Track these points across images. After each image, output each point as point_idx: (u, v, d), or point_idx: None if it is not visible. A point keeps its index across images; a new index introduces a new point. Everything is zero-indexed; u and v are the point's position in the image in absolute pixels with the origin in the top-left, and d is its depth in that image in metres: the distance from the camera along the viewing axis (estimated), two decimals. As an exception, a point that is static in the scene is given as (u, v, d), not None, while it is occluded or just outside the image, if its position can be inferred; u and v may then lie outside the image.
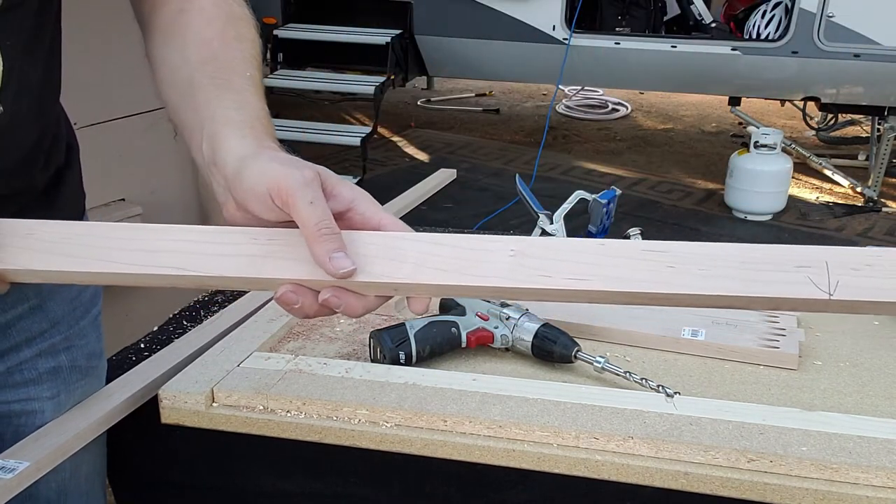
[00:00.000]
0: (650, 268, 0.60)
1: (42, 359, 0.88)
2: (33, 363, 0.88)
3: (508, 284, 0.61)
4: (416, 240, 0.64)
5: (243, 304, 1.19)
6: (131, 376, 0.99)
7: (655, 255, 0.61)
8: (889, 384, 0.99)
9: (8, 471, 0.78)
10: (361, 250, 0.62)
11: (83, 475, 0.97)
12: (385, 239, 0.64)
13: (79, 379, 0.93)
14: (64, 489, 0.95)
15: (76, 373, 0.92)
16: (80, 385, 0.93)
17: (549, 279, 0.60)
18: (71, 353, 0.91)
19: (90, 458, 0.97)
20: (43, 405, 0.89)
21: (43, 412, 0.90)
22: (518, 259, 0.61)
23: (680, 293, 0.59)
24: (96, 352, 0.96)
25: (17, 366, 0.86)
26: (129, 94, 2.03)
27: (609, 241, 0.64)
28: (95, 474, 1.00)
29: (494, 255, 0.62)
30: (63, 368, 0.90)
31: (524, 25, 4.43)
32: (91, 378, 0.95)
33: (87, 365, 0.94)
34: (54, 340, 0.89)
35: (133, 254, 0.64)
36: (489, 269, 0.61)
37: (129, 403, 0.95)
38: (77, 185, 0.91)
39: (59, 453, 0.85)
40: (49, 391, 0.89)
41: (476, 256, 0.62)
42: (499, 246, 0.62)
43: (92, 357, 0.95)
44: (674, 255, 0.61)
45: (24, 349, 0.86)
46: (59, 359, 0.90)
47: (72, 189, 0.89)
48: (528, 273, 0.61)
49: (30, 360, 0.87)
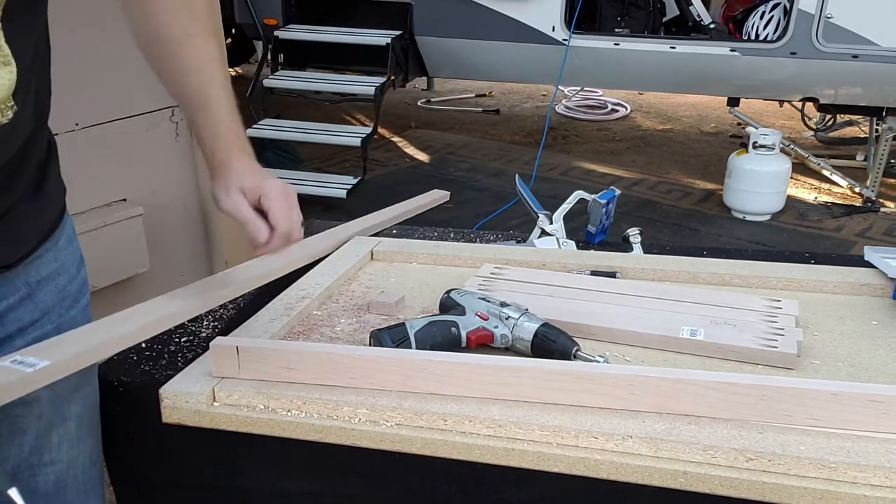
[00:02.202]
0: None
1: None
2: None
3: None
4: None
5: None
6: (150, 306, 1.00)
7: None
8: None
9: (28, 365, 0.80)
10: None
11: (80, 466, 0.98)
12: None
13: None
14: (62, 481, 0.96)
15: None
16: (76, 373, 0.94)
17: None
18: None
19: (87, 448, 0.99)
20: (39, 393, 0.90)
21: (39, 400, 0.92)
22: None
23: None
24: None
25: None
26: (130, 94, 2.03)
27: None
28: (92, 465, 1.01)
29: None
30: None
31: (524, 26, 4.43)
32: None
33: None
34: (46, 329, 0.92)
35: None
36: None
37: (145, 328, 0.95)
38: (59, 178, 0.95)
39: (79, 360, 0.85)
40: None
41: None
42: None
43: None
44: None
45: (17, 339, 0.89)
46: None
47: (55, 182, 0.93)
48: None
49: (23, 349, 0.88)
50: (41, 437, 0.94)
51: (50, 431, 0.95)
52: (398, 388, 0.94)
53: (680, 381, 0.88)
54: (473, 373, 0.92)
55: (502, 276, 1.25)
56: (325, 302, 1.22)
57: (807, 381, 0.88)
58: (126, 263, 1.95)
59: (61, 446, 0.96)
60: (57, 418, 0.95)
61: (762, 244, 3.93)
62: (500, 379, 0.92)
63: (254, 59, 6.62)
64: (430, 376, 0.93)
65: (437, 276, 1.32)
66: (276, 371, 0.97)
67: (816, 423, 0.85)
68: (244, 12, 4.82)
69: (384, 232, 1.55)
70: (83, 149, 1.96)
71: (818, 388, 0.86)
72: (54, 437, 0.95)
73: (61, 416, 0.95)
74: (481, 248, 1.41)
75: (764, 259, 1.35)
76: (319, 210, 4.07)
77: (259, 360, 0.97)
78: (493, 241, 1.54)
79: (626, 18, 4.69)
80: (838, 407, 0.84)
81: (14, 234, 0.86)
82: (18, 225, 0.86)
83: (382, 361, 0.94)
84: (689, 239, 4.01)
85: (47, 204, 0.92)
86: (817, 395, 0.85)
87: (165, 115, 2.14)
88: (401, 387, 0.94)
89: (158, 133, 2.11)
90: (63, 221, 0.96)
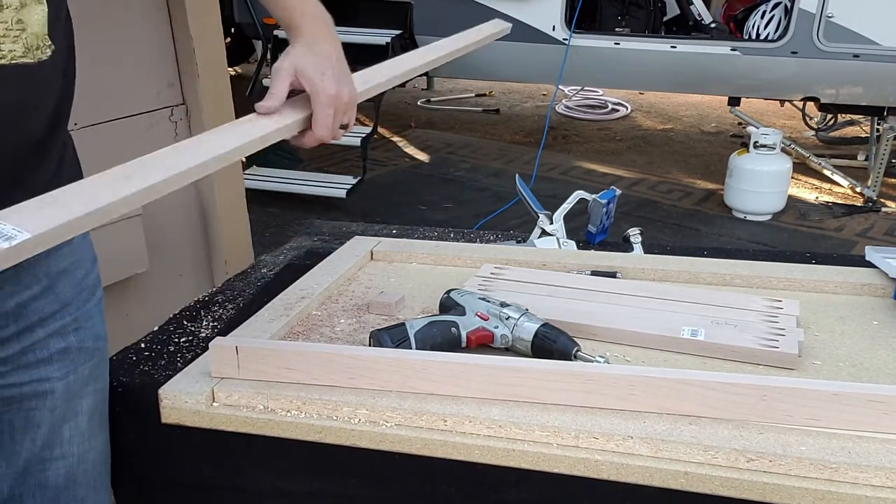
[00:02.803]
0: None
1: (54, 339, 0.91)
2: (45, 343, 0.91)
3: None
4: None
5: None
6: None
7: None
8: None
9: (5, 238, 0.66)
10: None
11: (90, 462, 0.99)
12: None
13: (86, 360, 0.95)
14: (72, 475, 0.96)
15: (84, 353, 0.95)
16: (88, 366, 0.96)
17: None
18: (79, 334, 0.94)
19: (97, 444, 1.00)
20: (54, 385, 0.92)
21: (53, 392, 0.92)
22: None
23: None
24: (101, 334, 0.99)
25: (31, 346, 0.89)
26: (130, 94, 2.02)
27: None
28: (102, 462, 1.01)
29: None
30: (72, 349, 0.93)
31: (524, 25, 4.43)
32: (97, 359, 0.98)
33: (94, 346, 0.97)
34: (65, 321, 0.92)
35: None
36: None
37: (131, 199, 0.79)
38: (77, 166, 0.96)
39: (64, 230, 0.71)
40: (59, 371, 0.92)
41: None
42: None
43: (98, 339, 0.98)
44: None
45: (38, 329, 0.89)
46: (69, 339, 0.93)
47: (73, 167, 0.94)
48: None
49: (42, 340, 0.90)
50: (54, 431, 0.94)
51: (62, 426, 0.95)
52: (398, 388, 0.94)
53: (680, 382, 0.88)
54: (473, 373, 0.92)
55: (502, 276, 1.25)
56: (324, 302, 1.22)
57: (808, 382, 0.88)
58: (125, 263, 1.95)
59: (73, 441, 0.96)
60: (69, 412, 0.95)
61: (763, 244, 3.93)
62: (500, 379, 0.91)
63: (253, 59, 6.63)
64: (429, 376, 0.93)
65: (437, 276, 1.31)
66: (276, 371, 0.96)
67: (817, 423, 0.85)
68: (244, 12, 4.81)
69: (384, 232, 1.55)
70: (82, 148, 1.95)
71: (819, 388, 0.86)
72: (66, 432, 0.96)
73: (73, 411, 0.95)
74: (481, 248, 1.41)
75: (765, 259, 1.34)
76: (319, 210, 4.07)
77: (258, 361, 0.96)
78: (493, 241, 1.54)
79: (627, 18, 4.69)
80: (839, 407, 0.84)
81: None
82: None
83: (382, 362, 0.94)
84: (690, 239, 4.01)
85: (72, 170, 0.93)
86: (818, 396, 0.85)
87: (165, 114, 2.14)
88: (400, 387, 0.94)
89: (158, 133, 2.11)
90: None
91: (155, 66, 2.03)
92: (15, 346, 0.88)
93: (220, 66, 2.19)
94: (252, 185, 3.96)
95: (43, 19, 0.78)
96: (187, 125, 2.13)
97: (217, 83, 2.15)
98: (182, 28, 2.02)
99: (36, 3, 0.77)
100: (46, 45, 0.79)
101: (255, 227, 2.38)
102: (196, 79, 2.07)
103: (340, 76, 0.96)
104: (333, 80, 0.94)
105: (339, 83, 0.95)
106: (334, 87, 0.94)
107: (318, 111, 0.94)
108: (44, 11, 0.78)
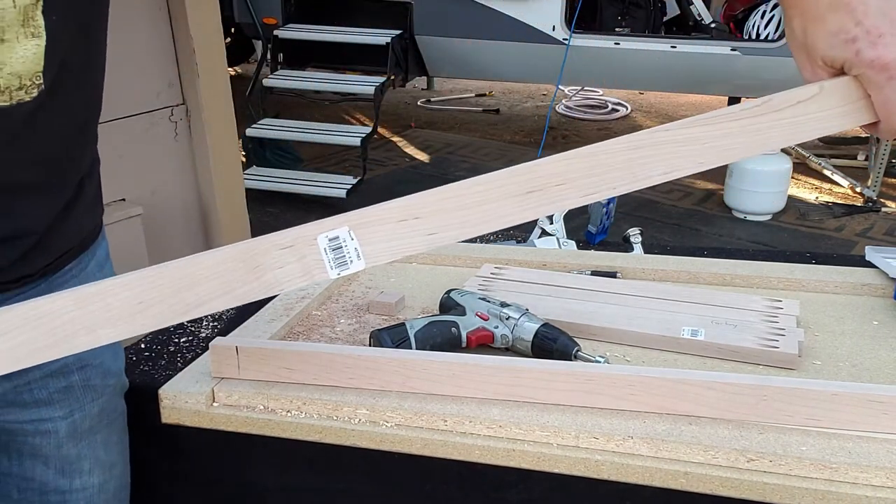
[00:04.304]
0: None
1: (53, 379, 0.85)
2: (43, 383, 0.85)
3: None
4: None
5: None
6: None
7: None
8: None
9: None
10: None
11: (111, 491, 0.94)
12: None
13: (94, 398, 0.90)
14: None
15: (90, 392, 0.89)
16: (97, 404, 0.90)
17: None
18: (84, 372, 0.88)
19: (117, 473, 0.95)
20: (57, 425, 0.87)
21: (57, 432, 0.87)
22: None
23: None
24: (112, 370, 0.93)
25: (25, 385, 0.84)
26: (130, 94, 2.03)
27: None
28: (122, 489, 0.97)
29: None
30: (76, 388, 0.88)
31: (524, 25, 4.43)
32: (108, 396, 0.92)
33: (103, 384, 0.91)
34: (67, 360, 0.84)
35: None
36: None
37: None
38: (95, 200, 0.89)
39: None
40: (62, 411, 0.87)
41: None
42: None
43: (108, 376, 0.92)
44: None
45: (32, 369, 0.80)
46: (72, 378, 0.87)
47: (89, 204, 0.87)
48: None
49: (39, 380, 0.84)
50: (66, 463, 0.89)
51: (77, 460, 0.90)
52: (398, 388, 0.94)
53: (680, 382, 0.88)
54: (473, 373, 0.92)
55: (502, 276, 1.25)
56: (324, 302, 1.22)
57: (808, 382, 0.88)
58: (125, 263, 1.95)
59: (93, 472, 0.92)
60: (84, 446, 0.90)
61: (763, 244, 3.93)
62: (500, 379, 0.91)
63: (253, 59, 6.63)
64: (430, 376, 0.93)
65: (437, 276, 1.31)
66: (276, 371, 0.96)
67: (817, 423, 0.85)
68: (244, 11, 4.82)
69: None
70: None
71: (819, 388, 0.86)
72: (84, 465, 0.91)
73: (89, 445, 0.91)
74: (481, 248, 1.41)
75: (765, 259, 1.35)
76: (319, 210, 4.07)
77: (259, 361, 0.96)
78: (493, 241, 1.54)
79: (627, 18, 4.69)
80: (839, 407, 0.84)
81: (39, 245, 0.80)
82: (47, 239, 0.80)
83: (382, 362, 0.94)
84: (690, 239, 4.01)
85: (87, 216, 0.86)
86: (818, 396, 0.85)
87: (165, 114, 2.14)
88: (401, 387, 0.94)
89: (157, 133, 2.11)
90: (94, 245, 0.90)
91: (155, 66, 2.03)
92: (4, 384, 0.82)
93: (220, 66, 2.19)
94: (252, 185, 3.97)
95: (33, 56, 0.70)
96: (187, 125, 2.13)
97: (217, 83, 2.15)
98: (182, 28, 2.02)
99: (25, 39, 0.69)
100: (34, 84, 0.71)
101: (255, 227, 2.38)
102: (196, 79, 2.07)
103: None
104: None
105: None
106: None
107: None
108: (37, 47, 0.70)
